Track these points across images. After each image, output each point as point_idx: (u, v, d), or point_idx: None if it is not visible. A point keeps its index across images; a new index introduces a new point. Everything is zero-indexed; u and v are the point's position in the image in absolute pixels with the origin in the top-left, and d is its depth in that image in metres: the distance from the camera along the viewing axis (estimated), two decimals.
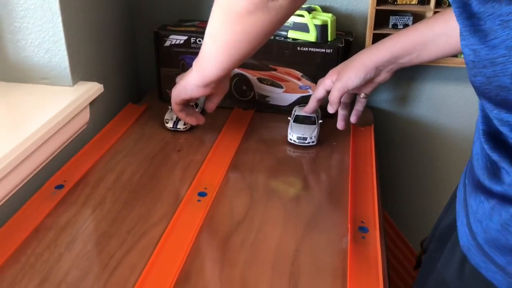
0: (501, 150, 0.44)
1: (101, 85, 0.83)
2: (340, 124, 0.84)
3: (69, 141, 0.79)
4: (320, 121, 0.85)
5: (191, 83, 0.75)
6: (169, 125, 0.87)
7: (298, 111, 0.87)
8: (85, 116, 0.82)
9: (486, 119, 0.46)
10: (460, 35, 0.43)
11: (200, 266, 0.58)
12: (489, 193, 0.45)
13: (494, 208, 0.44)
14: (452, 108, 0.99)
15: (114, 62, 0.95)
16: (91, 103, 0.83)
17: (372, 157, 0.79)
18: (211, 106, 0.84)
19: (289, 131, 0.84)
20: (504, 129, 0.42)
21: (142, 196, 0.70)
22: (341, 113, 0.84)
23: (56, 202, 0.67)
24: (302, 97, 0.92)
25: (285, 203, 0.69)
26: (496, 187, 0.44)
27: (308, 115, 0.86)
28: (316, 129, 0.84)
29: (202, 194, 0.70)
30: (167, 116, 0.88)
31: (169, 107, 0.89)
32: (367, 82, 0.77)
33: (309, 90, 0.91)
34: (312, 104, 0.83)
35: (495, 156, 0.44)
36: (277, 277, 0.56)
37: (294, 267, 0.57)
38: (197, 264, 0.58)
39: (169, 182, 0.73)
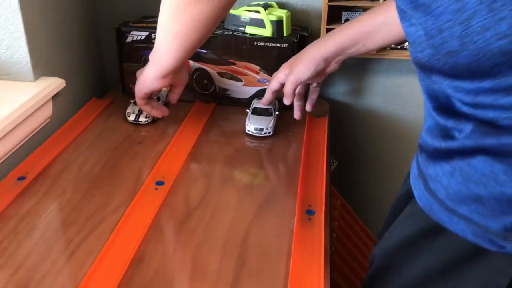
0: (453, 117, 0.48)
1: (63, 80, 0.86)
2: (296, 114, 0.88)
3: (31, 134, 0.81)
4: (277, 112, 0.89)
5: (150, 76, 0.79)
6: (131, 118, 0.89)
7: (256, 103, 0.91)
8: (48, 110, 0.84)
9: (433, 98, 0.50)
10: (402, 18, 0.47)
11: (154, 249, 0.61)
12: (448, 155, 0.49)
13: (455, 167, 0.48)
14: (406, 99, 1.04)
15: (77, 57, 0.98)
16: (54, 98, 0.85)
17: (324, 147, 0.84)
18: (173, 97, 0.88)
19: (247, 122, 0.88)
20: (458, 95, 0.46)
21: (101, 186, 0.72)
22: (297, 104, 0.88)
23: (18, 193, 0.70)
24: (261, 90, 0.96)
25: (239, 190, 0.73)
26: (453, 144, 0.48)
27: (265, 107, 0.89)
28: (273, 120, 0.88)
29: (159, 183, 0.73)
30: (129, 110, 0.91)
31: (131, 101, 0.92)
32: (318, 73, 0.81)
33: (267, 83, 0.95)
34: (268, 96, 0.87)
35: (450, 123, 0.48)
36: (226, 257, 0.60)
37: (243, 249, 0.61)
38: (151, 247, 0.61)
39: (129, 173, 0.76)
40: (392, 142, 1.09)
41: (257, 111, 0.89)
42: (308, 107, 0.89)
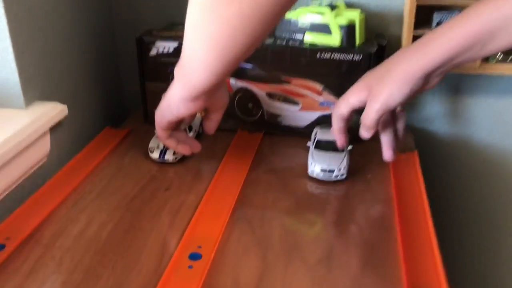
0: None
1: (64, 106, 0.64)
2: (387, 154, 0.63)
3: (21, 180, 0.60)
4: (350, 146, 0.66)
5: (176, 97, 0.57)
6: (155, 155, 0.67)
7: (320, 134, 0.68)
8: (44, 147, 0.63)
9: None
10: None
11: None
12: None
13: None
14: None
15: (85, 76, 0.77)
16: (52, 130, 0.64)
17: (423, 195, 0.60)
18: (210, 125, 0.65)
19: (309, 161, 0.65)
20: None
21: (112, 260, 0.50)
22: (385, 139, 0.63)
23: None
24: (324, 116, 0.73)
25: (311, 267, 0.50)
26: None
27: (334, 139, 0.66)
28: (346, 157, 0.64)
29: (195, 257, 0.50)
30: (152, 144, 0.69)
31: (156, 131, 0.70)
32: (413, 94, 0.57)
33: (332, 107, 0.72)
34: (337, 124, 0.64)
35: None
36: None
37: None
38: None
39: (151, 238, 0.54)
40: (498, 185, 0.83)
41: (321, 145, 0.66)
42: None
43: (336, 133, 0.64)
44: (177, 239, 0.53)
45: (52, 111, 0.62)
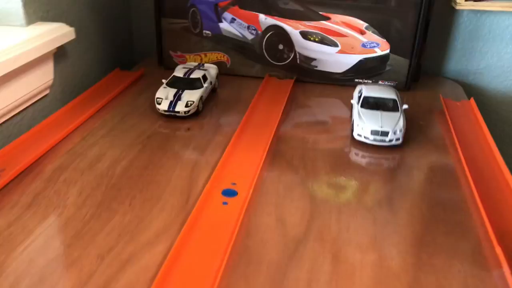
0: None
1: (71, 29, 0.55)
2: None
3: (21, 108, 0.51)
4: (405, 106, 0.55)
5: None
6: (163, 106, 0.56)
7: (366, 91, 0.56)
8: (46, 74, 0.54)
9: None
10: None
11: None
12: None
13: None
14: None
15: (93, 7, 0.68)
16: (57, 58, 0.55)
17: (490, 141, 0.51)
18: None
19: (355, 121, 0.53)
20: None
21: (129, 196, 0.41)
22: None
23: None
24: (366, 60, 0.64)
25: (371, 210, 0.41)
26: None
27: (385, 96, 0.55)
28: (401, 118, 0.53)
29: (229, 193, 0.41)
30: (159, 94, 0.57)
31: (164, 81, 0.60)
32: None
33: (376, 49, 0.64)
34: None
35: None
36: None
37: None
38: None
39: (174, 174, 0.45)
40: None
41: (369, 103, 0.55)
42: None
43: None
44: (206, 176, 0.44)
45: (56, 31, 0.53)
